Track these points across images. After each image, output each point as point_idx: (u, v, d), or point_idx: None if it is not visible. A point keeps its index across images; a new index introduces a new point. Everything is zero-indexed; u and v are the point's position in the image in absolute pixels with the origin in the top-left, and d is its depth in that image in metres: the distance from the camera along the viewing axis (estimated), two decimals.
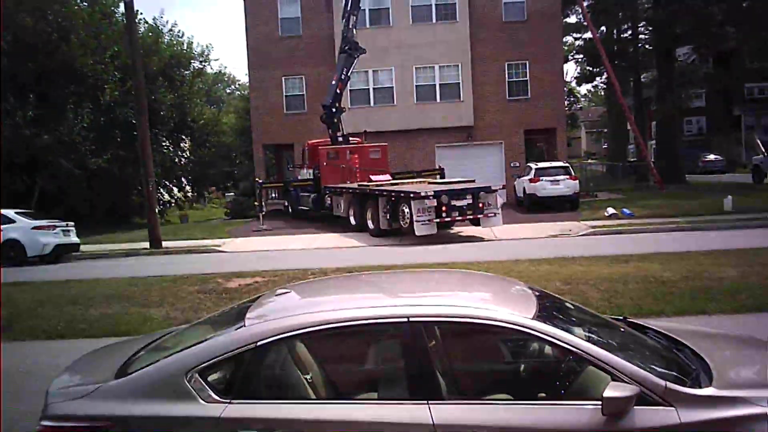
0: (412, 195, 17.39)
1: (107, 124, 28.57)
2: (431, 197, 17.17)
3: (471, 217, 18.35)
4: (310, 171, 25.05)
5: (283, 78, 29.99)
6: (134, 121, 24.45)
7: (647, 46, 39.80)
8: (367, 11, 28.24)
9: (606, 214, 21.42)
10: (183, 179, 36.74)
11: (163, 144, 33.51)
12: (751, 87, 50.93)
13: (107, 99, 27.83)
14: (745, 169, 40.94)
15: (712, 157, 45.74)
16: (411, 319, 3.27)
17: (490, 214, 18.32)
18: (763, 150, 33.19)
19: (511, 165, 29.32)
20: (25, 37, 25.69)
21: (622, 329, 3.89)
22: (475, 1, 29.25)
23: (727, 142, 49.28)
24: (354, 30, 24.50)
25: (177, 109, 32.66)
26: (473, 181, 20.11)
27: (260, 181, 25.95)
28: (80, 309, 10.17)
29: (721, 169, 44.02)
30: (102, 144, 27.81)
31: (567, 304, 4.09)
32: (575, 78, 49.92)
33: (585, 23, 35.90)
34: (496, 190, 18.57)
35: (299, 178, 26.32)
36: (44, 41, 26.24)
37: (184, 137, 36.07)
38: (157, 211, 21.27)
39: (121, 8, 26.89)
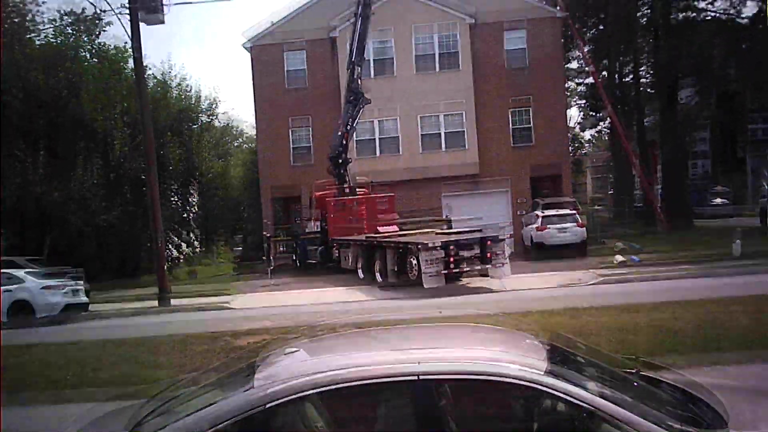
0: (419, 246, 17.32)
1: (117, 179, 28.85)
2: (439, 248, 17.08)
3: (479, 267, 18.18)
4: (317, 223, 25.10)
5: (290, 129, 30.39)
6: (143, 176, 24.66)
7: (649, 90, 40.15)
8: (371, 61, 28.67)
9: (615, 261, 21.28)
10: (191, 234, 36.86)
11: (172, 198, 33.73)
12: (754, 128, 51.14)
13: (117, 154, 28.15)
14: (752, 212, 40.76)
15: (719, 200, 45.57)
16: (421, 377, 3.25)
17: (498, 264, 18.14)
18: None
19: (518, 201, 29.35)
20: (37, 93, 26.11)
21: (636, 383, 3.83)
22: (478, 49, 29.71)
23: (733, 184, 49.23)
24: (359, 80, 24.81)
25: (185, 163, 32.95)
26: (480, 230, 20.00)
27: (268, 234, 26.00)
28: (88, 371, 10.06)
29: (729, 212, 43.81)
30: (111, 199, 28.02)
31: (579, 358, 4.04)
32: (578, 123, 50.30)
33: (587, 68, 36.39)
34: (503, 240, 18.48)
35: (306, 231, 26.34)
36: (55, 97, 26.69)
37: (192, 191, 36.33)
38: (165, 267, 21.27)
39: (131, 63, 27.42)
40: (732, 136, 49.59)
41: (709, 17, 32.26)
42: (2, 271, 17.91)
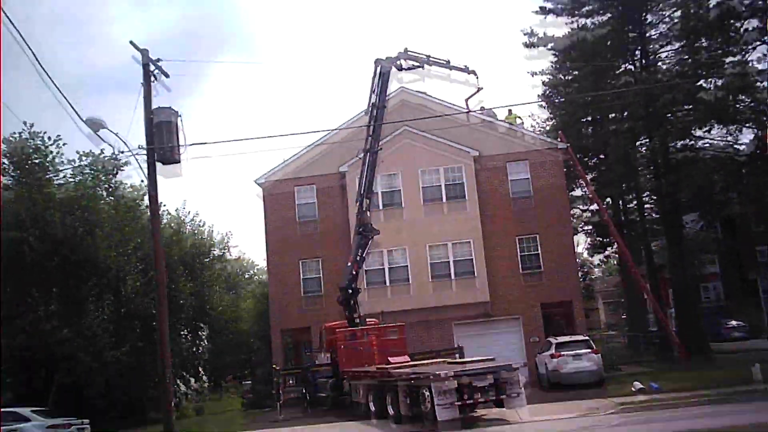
0: (431, 377, 16.97)
1: (127, 315, 28.85)
2: (451, 378, 16.74)
3: (494, 398, 17.71)
4: (328, 355, 24.79)
5: (300, 261, 30.70)
6: (154, 311, 24.65)
7: (654, 215, 40.74)
8: (379, 194, 29.28)
9: (633, 389, 20.76)
10: (200, 368, 36.38)
11: (182, 333, 33.60)
12: (763, 250, 51.26)
13: (128, 290, 28.32)
14: None
15: (734, 323, 44.93)
16: None
17: (513, 395, 17.64)
18: None
19: (531, 340, 28.98)
20: (53, 232, 26.58)
21: None
22: (483, 179, 30.50)
23: (746, 306, 48.71)
24: (368, 212, 25.29)
25: (196, 297, 33.10)
26: (493, 359, 19.65)
27: (278, 368, 25.63)
28: None
29: (745, 335, 43.11)
30: (121, 335, 27.88)
31: None
32: (587, 249, 50.65)
33: (590, 196, 37.13)
34: (517, 368, 18.09)
35: (317, 362, 25.99)
36: (70, 236, 27.13)
37: (202, 325, 36.24)
38: (173, 404, 20.81)
39: (146, 201, 28.11)
40: (740, 259, 49.62)
41: (708, 154, 33.25)
42: (7, 411, 17.67)
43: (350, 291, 24.87)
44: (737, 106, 30.32)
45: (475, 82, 25.16)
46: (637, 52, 37.21)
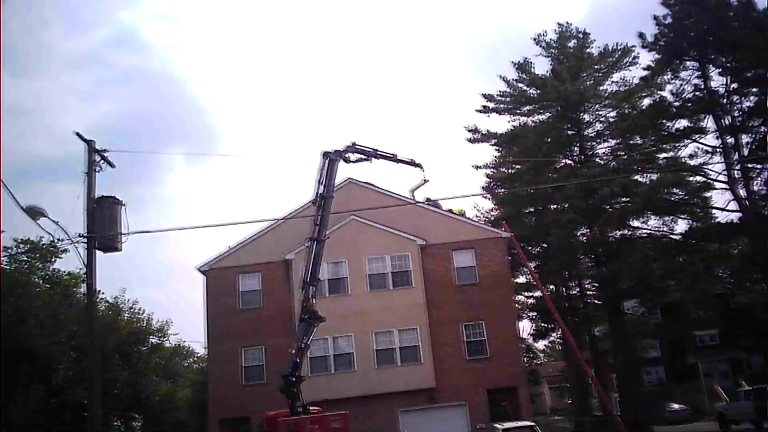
0: None
1: (58, 404, 27.48)
2: None
3: None
4: None
5: (242, 349, 30.04)
6: (86, 402, 23.58)
7: (596, 301, 41.60)
8: (325, 281, 29.25)
9: None
10: None
11: (114, 424, 32.08)
12: (701, 335, 52.68)
13: (60, 379, 27.10)
14: (709, 417, 40.64)
15: (676, 406, 45.47)
16: None
17: None
18: (725, 397, 33.36)
19: (477, 426, 28.67)
20: None
21: None
22: (429, 267, 30.82)
23: (688, 390, 49.47)
24: (313, 299, 25.08)
25: (131, 386, 31.83)
26: None
27: None
28: None
29: (687, 418, 43.58)
30: (50, 427, 26.45)
31: None
32: (531, 335, 51.07)
33: (534, 283, 37.77)
34: None
35: None
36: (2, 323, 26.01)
37: (136, 415, 34.72)
38: None
39: (83, 288, 27.27)
40: (681, 343, 50.78)
41: (647, 244, 34.52)
42: None
43: (293, 379, 24.26)
44: (671, 198, 31.82)
45: (422, 175, 25.79)
46: (576, 148, 39.10)
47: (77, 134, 18.15)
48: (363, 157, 24.88)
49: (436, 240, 31.20)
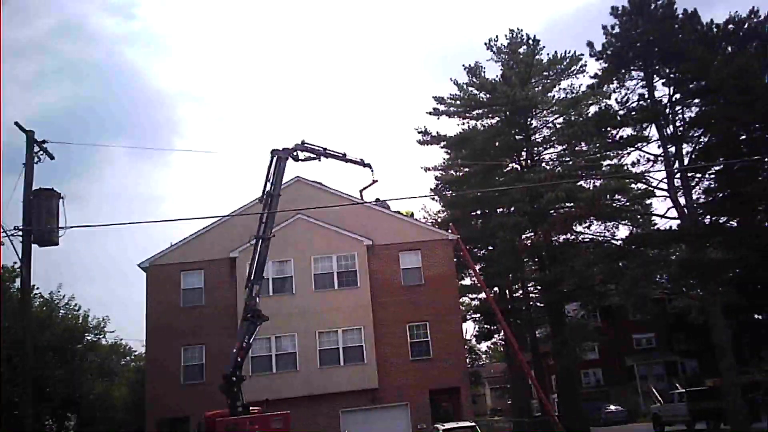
0: None
1: None
2: None
3: None
4: None
5: (182, 347, 29.42)
6: (17, 400, 22.69)
7: (539, 304, 42.27)
8: (270, 280, 28.88)
9: None
10: None
11: (46, 423, 30.99)
12: (638, 338, 54.19)
13: None
14: (645, 418, 41.77)
15: (613, 407, 46.61)
16: None
17: None
18: (660, 399, 34.30)
19: (418, 427, 28.76)
20: None
21: None
22: (375, 267, 30.75)
23: (624, 391, 50.76)
24: (257, 298, 24.71)
25: (65, 384, 30.80)
26: None
27: None
28: None
29: (623, 419, 44.70)
30: None
31: None
32: (474, 336, 51.61)
33: (479, 285, 38.13)
34: None
35: None
36: None
37: (69, 415, 33.63)
38: None
39: (17, 283, 26.28)
40: (618, 346, 52.05)
41: (587, 239, 35.21)
42: None
43: (234, 378, 23.90)
44: (614, 204, 32.52)
45: (371, 175, 25.64)
46: (523, 153, 39.69)
47: (17, 124, 17.69)
48: (312, 155, 24.58)
49: (384, 240, 31.16)
